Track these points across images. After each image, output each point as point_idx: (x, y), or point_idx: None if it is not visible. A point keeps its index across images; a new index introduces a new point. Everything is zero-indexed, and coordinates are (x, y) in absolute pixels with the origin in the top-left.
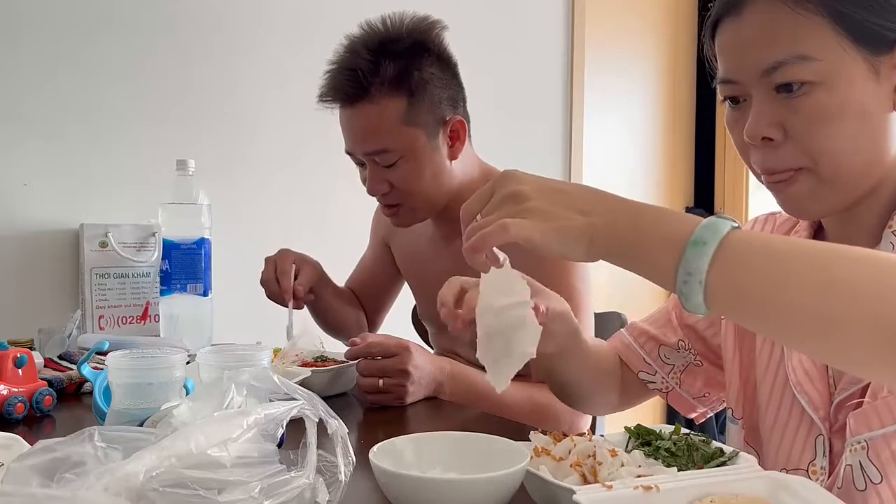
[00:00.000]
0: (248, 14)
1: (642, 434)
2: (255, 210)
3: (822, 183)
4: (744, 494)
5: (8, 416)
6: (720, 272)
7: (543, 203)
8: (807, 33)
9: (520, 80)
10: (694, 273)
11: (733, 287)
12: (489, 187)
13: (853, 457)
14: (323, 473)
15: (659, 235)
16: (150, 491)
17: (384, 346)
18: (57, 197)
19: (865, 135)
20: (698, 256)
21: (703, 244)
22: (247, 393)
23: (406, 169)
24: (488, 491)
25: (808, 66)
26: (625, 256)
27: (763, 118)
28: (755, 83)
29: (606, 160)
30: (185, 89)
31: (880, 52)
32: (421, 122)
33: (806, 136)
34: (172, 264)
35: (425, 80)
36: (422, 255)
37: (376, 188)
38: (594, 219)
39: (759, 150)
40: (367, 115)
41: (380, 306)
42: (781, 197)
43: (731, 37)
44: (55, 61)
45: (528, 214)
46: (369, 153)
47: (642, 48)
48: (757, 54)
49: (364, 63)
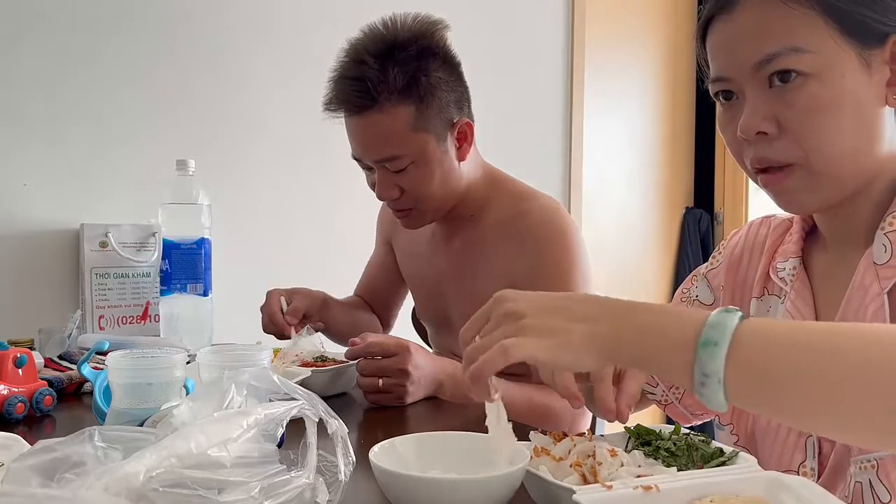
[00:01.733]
0: (249, 15)
1: (642, 434)
2: (255, 210)
3: (814, 175)
4: (744, 494)
5: (8, 416)
6: (736, 373)
7: (541, 318)
8: (799, 26)
9: (520, 81)
10: (710, 375)
11: (751, 386)
12: (484, 311)
13: (862, 474)
14: (323, 473)
15: (667, 339)
16: (150, 491)
17: (383, 345)
18: (57, 197)
19: (858, 127)
20: (711, 358)
21: (713, 345)
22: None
23: (416, 174)
24: (488, 491)
25: (801, 57)
26: (638, 363)
27: (758, 112)
28: (748, 78)
29: (606, 161)
30: (186, 90)
31: (871, 45)
32: (430, 127)
33: (800, 129)
34: (172, 264)
35: (433, 85)
36: (421, 255)
37: (386, 194)
38: (596, 326)
39: (754, 145)
40: (377, 123)
41: (391, 308)
42: (774, 191)
43: (724, 35)
44: (55, 62)
45: (527, 332)
46: (379, 160)
47: (642, 49)
48: (749, 48)
49: (371, 72)
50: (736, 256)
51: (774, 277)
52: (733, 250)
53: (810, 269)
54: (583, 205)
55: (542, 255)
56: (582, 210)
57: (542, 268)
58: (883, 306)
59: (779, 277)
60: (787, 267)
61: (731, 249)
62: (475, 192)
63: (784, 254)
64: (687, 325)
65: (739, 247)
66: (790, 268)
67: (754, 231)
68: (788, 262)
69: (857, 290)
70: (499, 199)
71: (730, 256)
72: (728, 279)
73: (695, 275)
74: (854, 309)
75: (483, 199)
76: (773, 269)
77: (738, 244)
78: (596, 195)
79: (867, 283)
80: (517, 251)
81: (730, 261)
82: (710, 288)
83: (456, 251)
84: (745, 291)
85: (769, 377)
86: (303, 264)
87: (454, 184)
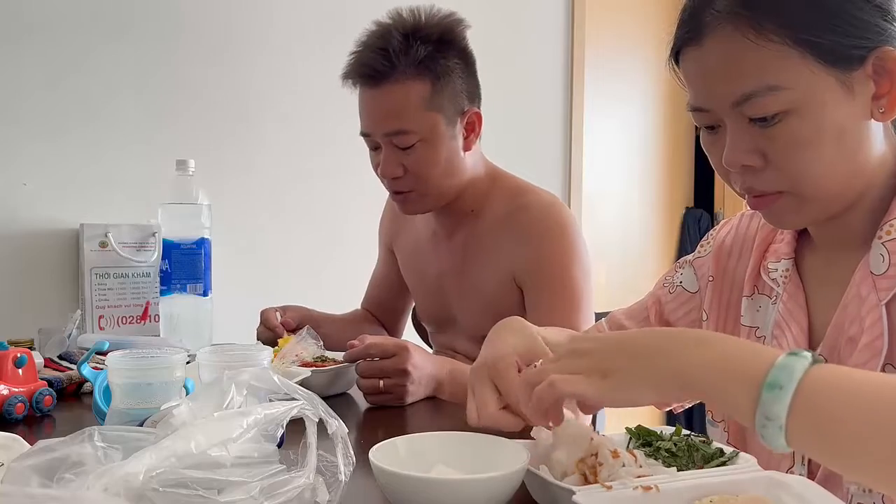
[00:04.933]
0: (249, 15)
1: (643, 434)
2: (255, 210)
3: (804, 200)
4: (744, 494)
5: (8, 416)
6: (800, 419)
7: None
8: (773, 63)
9: (520, 81)
10: (773, 419)
11: (815, 434)
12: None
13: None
14: (323, 473)
15: (731, 373)
16: (150, 491)
17: (382, 346)
18: (57, 197)
19: (844, 153)
20: (775, 402)
21: (779, 388)
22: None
23: (422, 153)
24: (488, 491)
25: (778, 95)
26: (699, 395)
27: (740, 146)
28: (727, 113)
29: (606, 161)
30: (186, 90)
31: (851, 68)
32: (442, 109)
33: (784, 162)
34: (172, 264)
35: (450, 69)
36: (421, 254)
37: (390, 170)
38: (657, 361)
39: (741, 175)
40: (392, 94)
41: (398, 318)
42: (764, 212)
43: (696, 66)
44: (56, 62)
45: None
46: (389, 133)
47: (642, 49)
48: (725, 86)
49: (395, 42)
50: (726, 247)
51: (766, 278)
52: (723, 240)
53: (802, 270)
54: (583, 205)
55: (542, 250)
56: (582, 210)
57: (542, 262)
58: (881, 318)
59: (770, 278)
60: (779, 268)
61: (720, 239)
62: (477, 186)
63: (776, 254)
64: (754, 364)
65: (730, 237)
66: (783, 269)
67: (745, 224)
68: (781, 263)
69: (854, 299)
70: (498, 195)
71: (719, 246)
72: (717, 269)
73: (681, 262)
74: (850, 319)
75: (484, 195)
76: (763, 268)
77: (729, 234)
78: (596, 195)
79: (863, 293)
80: (517, 246)
81: (719, 250)
82: (696, 276)
83: (456, 248)
84: (735, 288)
85: (832, 428)
86: (303, 264)
87: (457, 172)
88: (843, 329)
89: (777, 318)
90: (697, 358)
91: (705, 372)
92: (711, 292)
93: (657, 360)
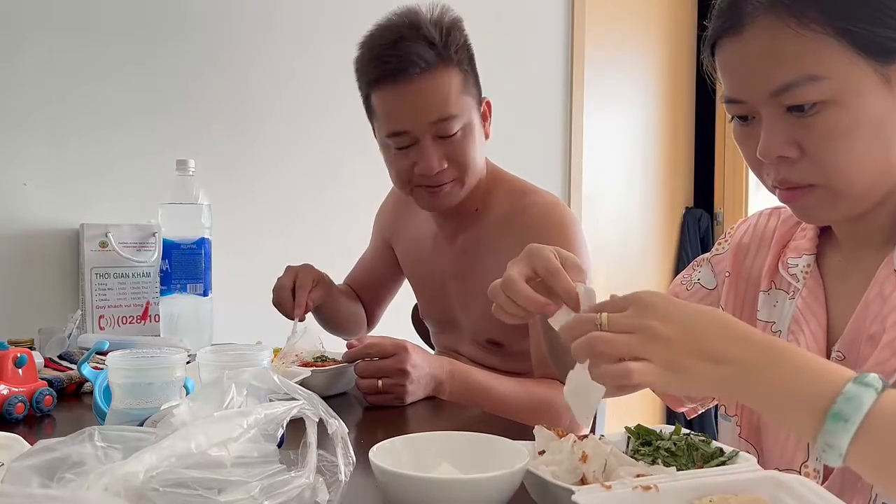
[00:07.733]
0: (249, 15)
1: (642, 434)
2: (255, 210)
3: (836, 195)
4: (743, 494)
5: (8, 416)
6: (861, 450)
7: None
8: (813, 52)
9: (520, 81)
10: (834, 447)
11: (873, 463)
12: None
13: None
14: (323, 473)
15: (798, 396)
16: (150, 491)
17: (381, 346)
18: (57, 197)
19: (879, 144)
20: (839, 433)
21: (844, 420)
22: (247, 393)
23: (463, 141)
24: (488, 491)
25: (818, 85)
26: (761, 409)
27: (777, 137)
28: (764, 103)
29: (606, 161)
30: (186, 89)
31: (890, 60)
32: (473, 95)
33: (821, 153)
34: (172, 264)
35: (470, 57)
36: (424, 254)
37: (436, 163)
38: (727, 369)
39: (775, 167)
40: (439, 80)
41: (378, 303)
42: (793, 206)
43: (734, 56)
44: (56, 61)
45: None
46: (439, 120)
47: (642, 48)
48: (764, 75)
49: (433, 32)
50: (744, 244)
51: (784, 273)
52: (741, 238)
53: (823, 267)
54: (583, 205)
55: None
56: (582, 210)
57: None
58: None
59: (790, 273)
60: (800, 263)
61: (738, 237)
62: (480, 185)
63: (797, 249)
64: (822, 390)
65: (748, 235)
66: (804, 265)
67: (763, 222)
68: (802, 258)
69: (876, 298)
70: (500, 195)
71: (737, 243)
72: (735, 265)
73: (699, 260)
74: (871, 317)
75: (486, 194)
76: (783, 263)
77: (747, 232)
78: (596, 195)
79: (886, 292)
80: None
81: (737, 247)
82: (713, 273)
83: (459, 249)
84: (751, 283)
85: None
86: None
87: (482, 161)
88: (863, 327)
89: (795, 313)
90: (764, 376)
91: (772, 395)
92: (728, 288)
93: (726, 368)
